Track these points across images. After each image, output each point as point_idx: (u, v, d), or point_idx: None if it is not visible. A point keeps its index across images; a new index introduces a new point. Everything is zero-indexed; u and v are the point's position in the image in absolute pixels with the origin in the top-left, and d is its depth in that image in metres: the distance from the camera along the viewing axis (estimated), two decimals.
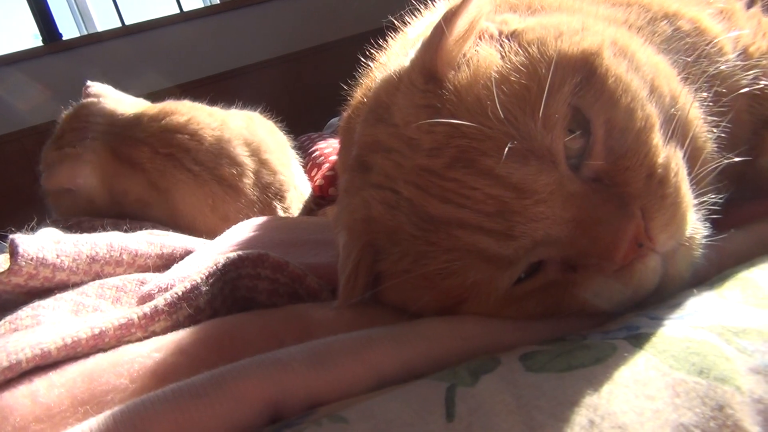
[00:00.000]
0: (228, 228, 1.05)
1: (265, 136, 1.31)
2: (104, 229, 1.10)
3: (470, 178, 0.45)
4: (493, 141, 0.45)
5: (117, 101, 1.23)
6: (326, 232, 0.85)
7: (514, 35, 0.51)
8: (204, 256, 0.76)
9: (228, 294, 0.59)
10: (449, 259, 0.47)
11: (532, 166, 0.44)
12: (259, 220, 1.01)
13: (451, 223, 0.46)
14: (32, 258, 0.67)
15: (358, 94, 1.10)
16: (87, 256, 0.73)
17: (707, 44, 0.58)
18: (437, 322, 0.47)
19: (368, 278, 0.52)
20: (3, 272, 0.67)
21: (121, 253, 0.77)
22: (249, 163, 1.22)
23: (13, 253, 0.67)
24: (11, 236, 0.69)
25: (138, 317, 0.51)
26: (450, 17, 0.49)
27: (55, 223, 1.11)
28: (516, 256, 0.45)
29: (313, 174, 1.57)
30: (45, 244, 0.70)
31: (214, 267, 0.58)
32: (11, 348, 0.48)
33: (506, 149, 0.44)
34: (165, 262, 0.83)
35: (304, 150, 1.81)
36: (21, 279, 0.68)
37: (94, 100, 1.21)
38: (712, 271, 0.49)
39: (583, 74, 0.45)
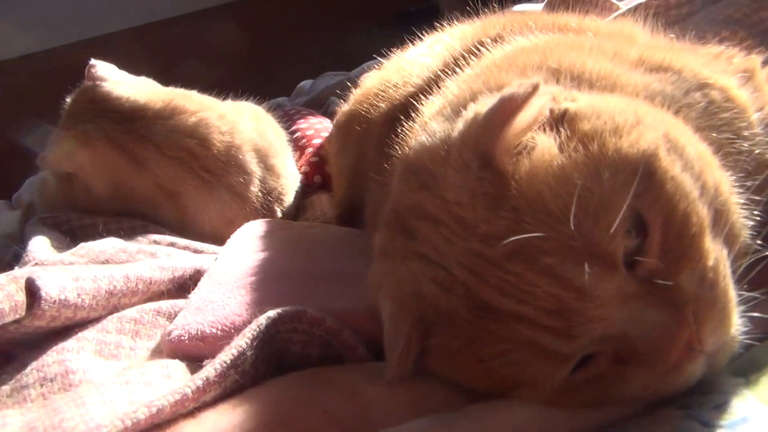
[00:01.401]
0: (231, 232, 1.06)
1: (273, 138, 1.29)
2: (96, 229, 1.08)
3: (531, 275, 0.47)
4: (554, 241, 0.46)
5: (117, 84, 1.18)
6: (341, 257, 0.86)
7: (567, 119, 0.51)
8: (223, 284, 0.76)
9: (266, 351, 0.60)
10: (505, 348, 0.48)
11: (594, 269, 0.45)
12: (263, 227, 1.01)
13: (510, 315, 0.48)
14: (54, 301, 0.66)
15: (360, 96, 1.10)
16: (106, 291, 0.72)
17: (737, 117, 0.60)
18: (490, 412, 0.49)
19: (418, 352, 0.53)
20: (26, 317, 0.66)
21: (137, 284, 0.76)
22: (257, 171, 1.21)
23: (34, 295, 0.66)
24: (28, 275, 0.68)
25: (191, 391, 0.52)
26: (511, 105, 0.49)
27: (43, 221, 1.08)
28: (573, 353, 0.47)
29: (295, 158, 1.55)
30: (65, 283, 0.68)
31: (258, 329, 0.58)
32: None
33: (568, 251, 0.46)
34: (176, 286, 0.83)
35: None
36: (43, 322, 0.67)
37: (92, 84, 1.16)
38: None
39: (642, 177, 0.47)
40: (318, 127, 1.66)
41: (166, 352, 0.67)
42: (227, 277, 0.79)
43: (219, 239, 1.14)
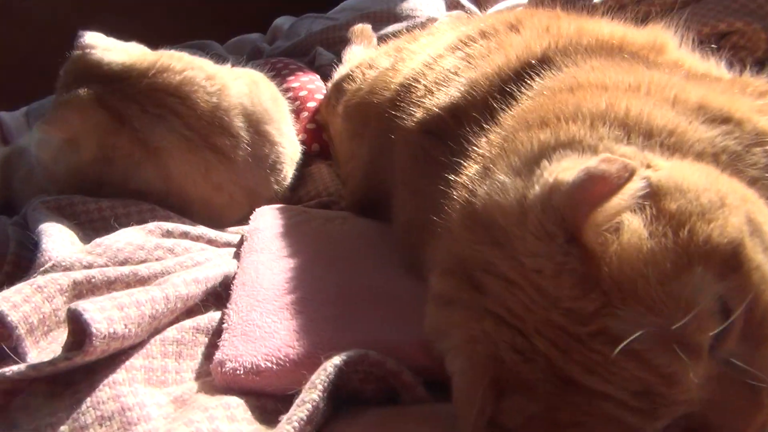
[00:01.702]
0: (220, 198, 1.06)
1: (269, 104, 1.25)
2: (101, 213, 1.05)
3: (618, 357, 0.49)
4: (643, 326, 0.48)
5: (105, 50, 1.15)
6: (372, 267, 0.86)
7: (651, 194, 0.52)
8: (261, 302, 0.76)
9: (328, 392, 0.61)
10: (586, 420, 0.51)
11: (681, 356, 0.48)
12: (280, 219, 1.00)
13: (595, 393, 0.50)
14: (105, 336, 0.65)
15: (378, 82, 1.06)
16: (149, 317, 0.72)
17: None
18: None
19: (492, 412, 0.55)
20: (77, 355, 0.65)
21: (176, 303, 0.76)
22: (244, 135, 1.18)
23: (84, 332, 0.65)
24: (74, 308, 0.66)
25: None
26: (604, 187, 0.49)
27: (46, 205, 1.04)
28: (653, 430, 0.50)
29: None
30: (112, 314, 0.67)
31: (327, 380, 0.59)
32: None
33: (658, 338, 0.47)
34: (209, 296, 0.83)
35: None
36: (94, 357, 0.66)
37: (81, 53, 1.14)
38: None
39: (730, 266, 0.48)
40: (311, 87, 1.62)
41: (218, 382, 0.68)
42: (264, 293, 0.78)
43: (208, 206, 1.14)
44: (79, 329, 0.67)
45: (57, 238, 0.91)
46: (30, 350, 0.74)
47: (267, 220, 1.00)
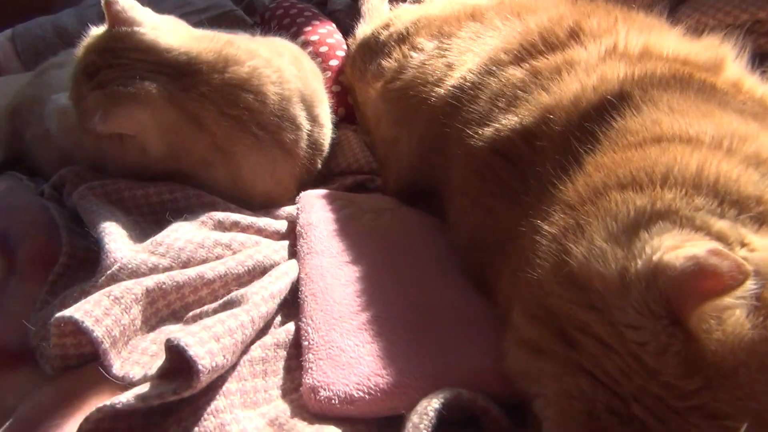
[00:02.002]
0: (279, 191, 1.10)
1: (316, 84, 1.22)
2: (148, 200, 1.05)
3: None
4: (742, 412, 0.54)
5: (155, 30, 1.05)
6: (435, 276, 0.90)
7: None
8: (338, 320, 0.80)
9: None
10: None
11: None
12: (329, 212, 1.02)
13: None
14: (209, 370, 0.69)
15: (428, 68, 1.05)
16: (241, 342, 0.75)
17: None
18: None
19: None
20: (186, 390, 0.68)
21: (259, 323, 0.80)
22: (305, 124, 1.16)
23: (191, 369, 0.68)
24: (176, 343, 0.69)
25: None
26: (715, 283, 0.53)
27: (92, 191, 1.03)
28: None
29: None
30: (212, 346, 0.71)
31: (430, 425, 0.64)
32: None
33: (754, 423, 0.53)
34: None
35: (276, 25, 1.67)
36: (197, 390, 0.69)
37: (128, 30, 1.02)
38: None
39: None
40: (331, 42, 1.58)
41: (312, 409, 0.72)
42: (339, 310, 0.82)
43: (267, 199, 1.15)
44: (177, 358, 0.70)
45: (118, 237, 0.92)
46: (114, 362, 0.78)
47: (318, 212, 1.02)
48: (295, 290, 0.89)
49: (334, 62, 1.52)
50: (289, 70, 1.16)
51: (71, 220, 1.06)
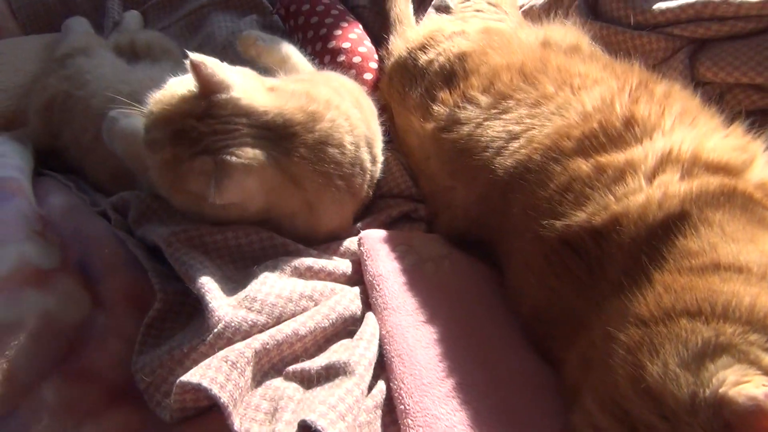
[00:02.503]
0: (344, 226, 1.25)
1: (375, 125, 1.31)
2: (227, 243, 1.15)
3: None
4: None
5: (247, 91, 1.09)
6: (512, 343, 1.04)
7: None
8: (427, 386, 0.94)
9: None
10: None
11: None
12: (394, 260, 1.14)
13: None
14: None
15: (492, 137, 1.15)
16: (358, 416, 0.88)
17: None
18: None
19: None
20: None
21: (363, 391, 0.92)
22: (370, 167, 1.25)
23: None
24: (312, 424, 0.82)
25: None
26: None
27: (177, 237, 1.11)
28: None
29: None
30: (341, 426, 0.84)
31: None
32: None
33: None
34: None
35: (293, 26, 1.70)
36: None
37: (227, 97, 1.06)
38: None
39: None
40: (363, 51, 1.62)
41: None
42: (427, 375, 0.96)
43: (330, 236, 1.25)
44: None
45: (217, 294, 1.02)
46: (235, 419, 0.90)
47: (384, 261, 1.14)
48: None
49: (368, 76, 1.57)
50: (354, 115, 1.23)
51: (150, 255, 1.14)
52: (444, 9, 1.66)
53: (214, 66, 1.06)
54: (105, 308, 1.10)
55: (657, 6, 1.38)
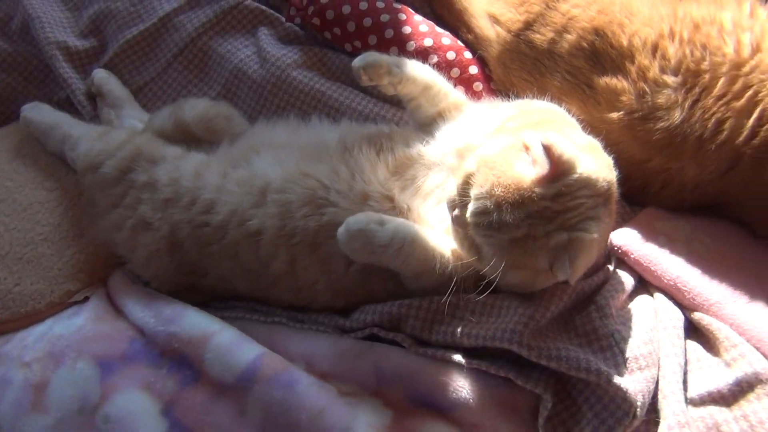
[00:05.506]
0: None
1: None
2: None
3: None
4: None
5: (582, 164, 1.06)
6: None
7: None
8: None
9: None
10: None
11: None
12: None
13: None
14: None
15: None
16: None
17: None
18: None
19: None
20: None
21: None
22: None
23: None
24: None
25: None
26: None
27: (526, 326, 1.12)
28: None
29: None
30: None
31: None
32: None
33: None
34: None
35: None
36: None
37: (577, 176, 1.03)
38: None
39: None
40: (448, 43, 1.51)
41: None
42: None
43: None
44: None
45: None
46: None
47: (668, 260, 1.26)
48: None
49: (473, 69, 1.49)
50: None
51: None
52: None
53: (562, 145, 1.01)
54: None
55: None
